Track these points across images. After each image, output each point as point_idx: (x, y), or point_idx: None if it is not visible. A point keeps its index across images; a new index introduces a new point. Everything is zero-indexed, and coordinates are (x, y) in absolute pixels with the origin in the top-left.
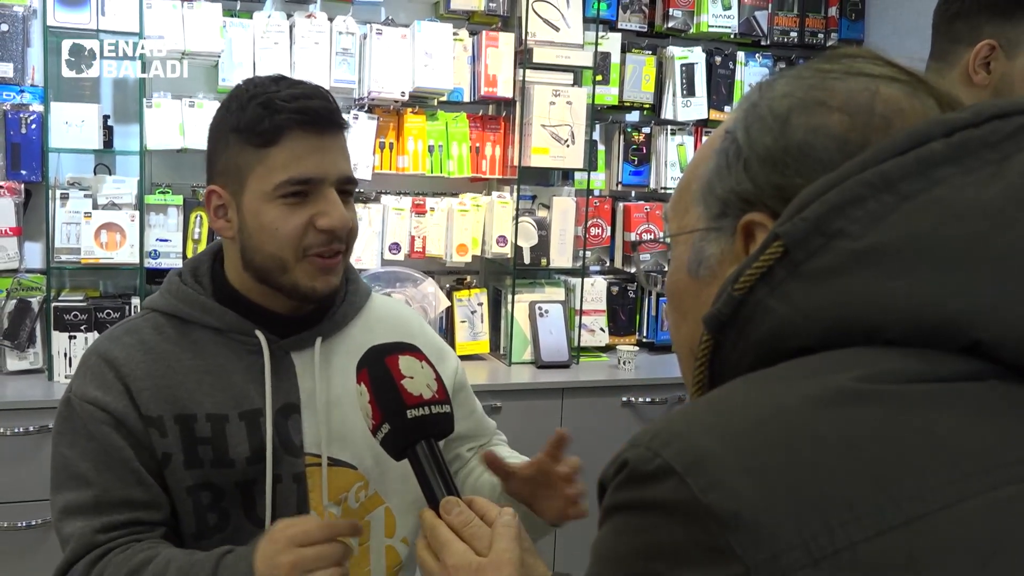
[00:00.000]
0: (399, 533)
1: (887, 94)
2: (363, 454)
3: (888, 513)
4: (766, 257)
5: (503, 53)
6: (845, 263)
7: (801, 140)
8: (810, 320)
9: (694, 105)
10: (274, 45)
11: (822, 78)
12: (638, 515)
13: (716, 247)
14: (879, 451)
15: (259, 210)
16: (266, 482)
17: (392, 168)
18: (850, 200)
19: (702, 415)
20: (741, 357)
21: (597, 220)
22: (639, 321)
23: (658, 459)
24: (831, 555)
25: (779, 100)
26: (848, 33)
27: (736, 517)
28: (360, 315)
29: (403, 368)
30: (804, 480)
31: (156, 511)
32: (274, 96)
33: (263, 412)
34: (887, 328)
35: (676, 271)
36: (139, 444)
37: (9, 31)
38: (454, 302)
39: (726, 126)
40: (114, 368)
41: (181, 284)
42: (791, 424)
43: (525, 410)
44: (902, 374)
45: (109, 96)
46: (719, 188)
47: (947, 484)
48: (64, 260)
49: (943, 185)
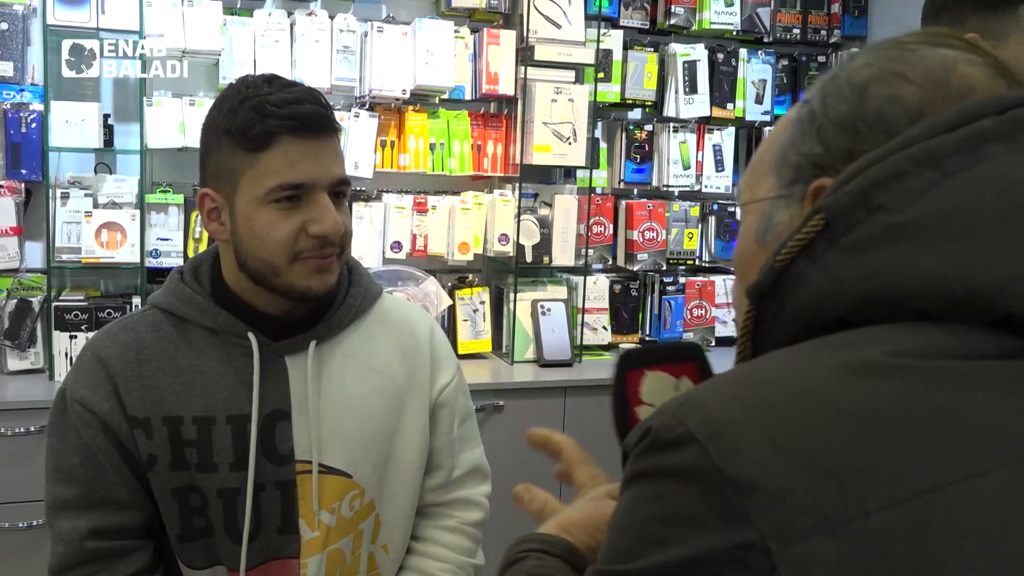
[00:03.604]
0: (381, 540)
1: (963, 72)
2: (360, 462)
3: (903, 484)
4: (808, 230)
5: (504, 50)
6: (883, 236)
7: (876, 109)
8: (845, 290)
9: (696, 102)
10: (275, 43)
11: (902, 51)
12: (657, 481)
13: (785, 214)
14: (898, 423)
15: (251, 214)
16: (247, 491)
17: (393, 166)
18: (893, 175)
19: (729, 386)
20: (781, 329)
21: (599, 218)
22: (642, 319)
23: (681, 427)
24: (844, 523)
25: (858, 71)
26: (851, 30)
27: (754, 484)
28: (362, 318)
29: (645, 390)
30: (822, 450)
31: (140, 512)
32: (266, 99)
33: (250, 418)
34: (919, 298)
35: (744, 240)
36: (123, 446)
37: (9, 30)
38: (456, 301)
39: (805, 97)
40: (105, 367)
41: (181, 283)
42: (813, 395)
43: (527, 409)
44: (930, 350)
45: (109, 95)
46: (792, 155)
47: (966, 458)
48: (65, 260)
49: (988, 161)
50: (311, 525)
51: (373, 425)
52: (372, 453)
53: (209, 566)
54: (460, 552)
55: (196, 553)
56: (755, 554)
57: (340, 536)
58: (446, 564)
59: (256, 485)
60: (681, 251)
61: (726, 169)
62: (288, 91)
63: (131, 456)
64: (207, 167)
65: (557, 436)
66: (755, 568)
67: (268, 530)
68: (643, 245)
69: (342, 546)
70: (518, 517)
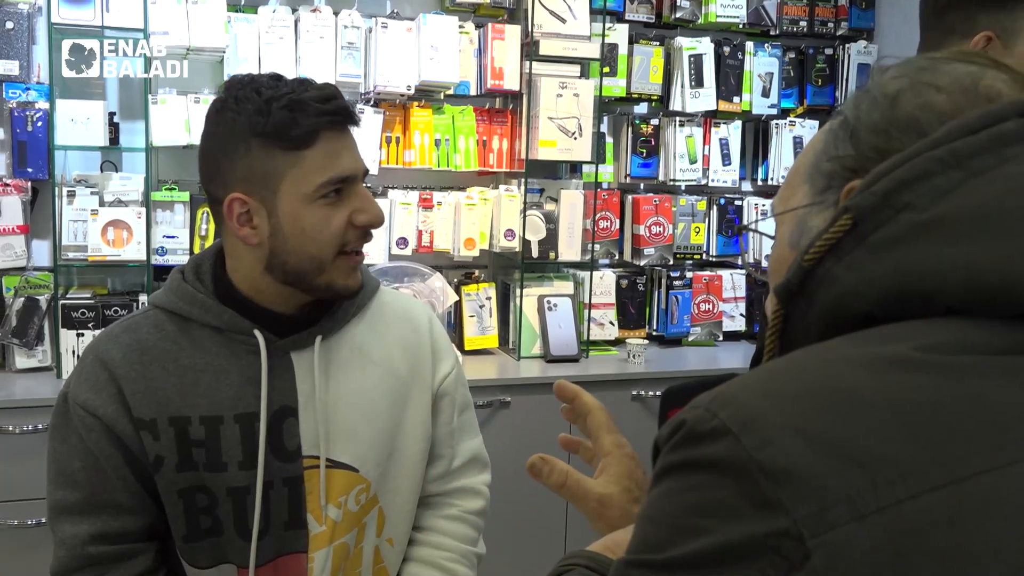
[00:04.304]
0: (386, 533)
1: (988, 82)
2: (366, 455)
3: (933, 473)
4: (835, 229)
5: (509, 45)
6: (910, 234)
7: (908, 114)
8: (873, 286)
9: (703, 96)
10: (279, 40)
11: (932, 63)
12: (691, 473)
13: (819, 219)
14: (928, 415)
15: (299, 213)
16: (256, 489)
17: (399, 162)
18: (919, 175)
19: (760, 380)
20: (809, 327)
21: (605, 213)
22: (649, 314)
23: (715, 420)
24: (876, 511)
25: (890, 82)
26: (858, 22)
27: (786, 473)
28: (363, 312)
29: None
30: (852, 440)
31: (142, 516)
32: (299, 98)
33: (258, 416)
34: (946, 293)
35: (779, 246)
36: (128, 449)
37: (14, 28)
38: (462, 296)
39: (838, 110)
40: (108, 370)
41: (183, 282)
42: (843, 387)
43: (534, 404)
44: (960, 345)
45: (115, 93)
46: (825, 163)
47: (995, 448)
48: (71, 258)
49: (1013, 162)
50: (318, 520)
51: (378, 418)
52: (377, 446)
53: (215, 564)
54: (463, 541)
55: (202, 553)
56: (789, 541)
57: (346, 530)
58: (450, 553)
59: (265, 483)
60: (688, 245)
61: (733, 163)
62: (314, 87)
63: (136, 459)
64: (232, 172)
65: (587, 396)
66: (789, 556)
67: (277, 527)
68: (650, 240)
69: (348, 540)
70: (520, 509)
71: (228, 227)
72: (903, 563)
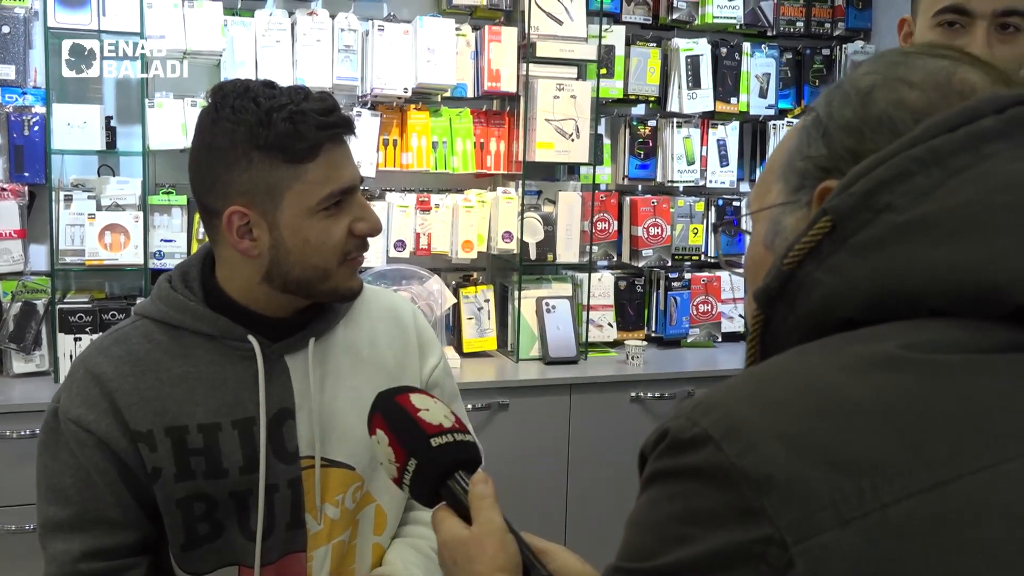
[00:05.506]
0: (389, 531)
1: (963, 76)
2: (360, 453)
3: (919, 476)
4: (815, 232)
5: (506, 48)
6: (891, 235)
7: (881, 111)
8: (856, 290)
9: (700, 97)
10: (276, 43)
11: (905, 58)
12: (675, 481)
13: (792, 218)
14: (913, 416)
15: (301, 226)
16: (259, 492)
17: (396, 165)
18: (898, 175)
19: (742, 385)
20: (791, 331)
21: (603, 214)
22: (647, 316)
23: (697, 427)
24: (860, 517)
25: (862, 77)
26: (855, 22)
27: (769, 480)
28: (351, 311)
29: (416, 403)
30: (836, 444)
31: (134, 531)
32: (299, 110)
33: (257, 420)
34: (930, 295)
35: (753, 246)
36: (124, 463)
37: (10, 33)
38: (460, 299)
39: (810, 106)
40: (100, 384)
41: (171, 290)
42: (826, 391)
43: (533, 407)
44: (944, 344)
45: (111, 97)
46: (798, 161)
47: (982, 449)
48: (69, 262)
49: (992, 159)
50: (316, 519)
51: None
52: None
53: (214, 570)
54: None
55: (201, 560)
56: (773, 549)
57: (343, 528)
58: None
59: (270, 486)
60: (686, 247)
61: (731, 164)
62: (313, 97)
63: (131, 473)
64: (232, 184)
65: None
66: (773, 563)
67: (279, 528)
68: (648, 241)
69: (345, 538)
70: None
71: (225, 239)
72: (888, 568)
